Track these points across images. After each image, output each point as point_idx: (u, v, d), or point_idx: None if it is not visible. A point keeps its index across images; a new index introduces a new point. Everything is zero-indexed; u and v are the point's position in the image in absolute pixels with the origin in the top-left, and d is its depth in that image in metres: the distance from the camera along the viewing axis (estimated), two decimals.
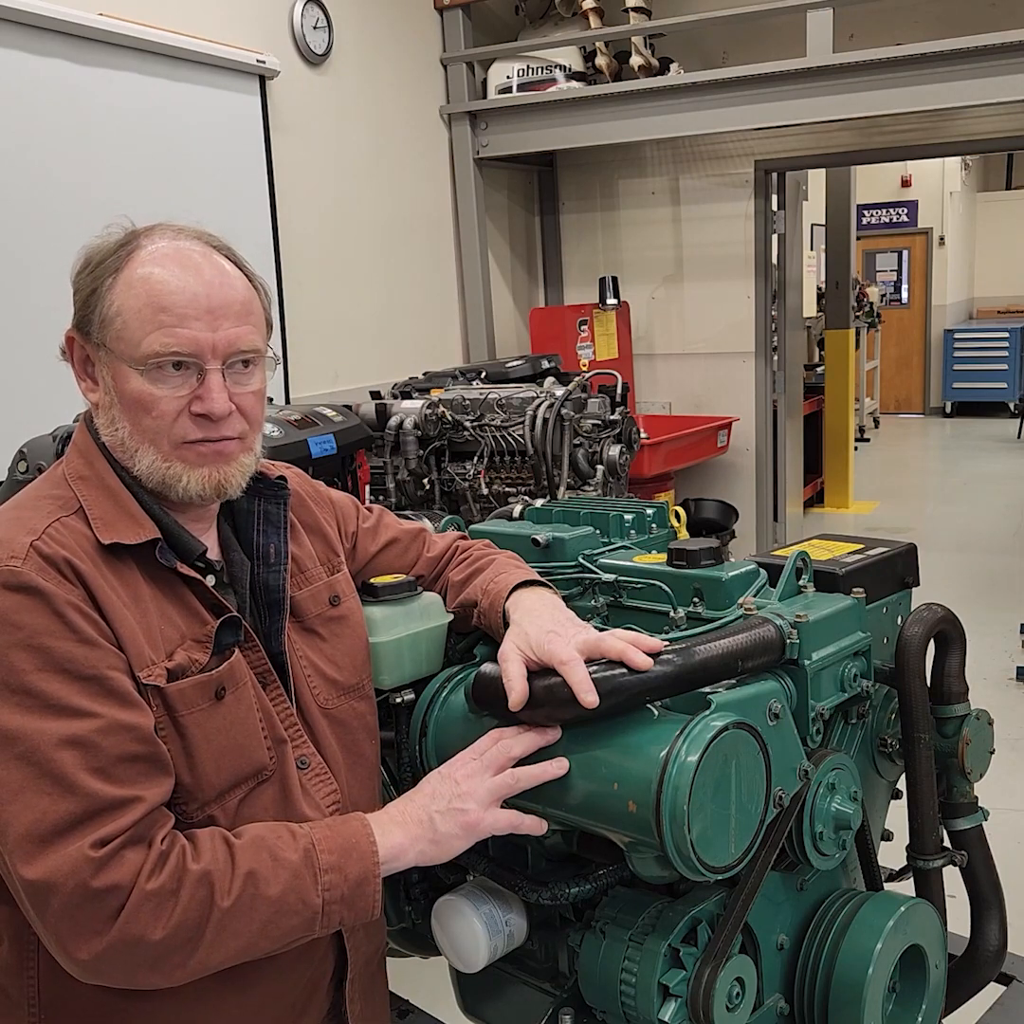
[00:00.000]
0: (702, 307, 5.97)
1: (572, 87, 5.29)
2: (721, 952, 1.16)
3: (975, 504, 8.19)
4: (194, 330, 1.15)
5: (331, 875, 1.11)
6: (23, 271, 3.41)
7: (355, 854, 1.13)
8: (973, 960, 1.46)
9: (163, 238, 1.20)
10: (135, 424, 1.17)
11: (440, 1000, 1.59)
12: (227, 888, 1.07)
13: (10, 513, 1.17)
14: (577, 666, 1.15)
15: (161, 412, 1.16)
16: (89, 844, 1.02)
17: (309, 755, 1.26)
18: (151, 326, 1.14)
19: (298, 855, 1.11)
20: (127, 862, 1.03)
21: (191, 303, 1.15)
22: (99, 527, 1.15)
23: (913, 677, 1.34)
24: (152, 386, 1.15)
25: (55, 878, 1.01)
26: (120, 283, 1.16)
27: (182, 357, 1.15)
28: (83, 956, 1.02)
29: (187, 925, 1.04)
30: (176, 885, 1.05)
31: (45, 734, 1.04)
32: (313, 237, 4.64)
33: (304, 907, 1.09)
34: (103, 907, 1.02)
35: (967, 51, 4.29)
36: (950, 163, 11.93)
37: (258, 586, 1.28)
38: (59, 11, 3.44)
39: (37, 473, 2.67)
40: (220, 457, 1.19)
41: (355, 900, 1.12)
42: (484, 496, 3.75)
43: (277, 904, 1.08)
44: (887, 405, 12.87)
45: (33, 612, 1.06)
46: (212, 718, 1.15)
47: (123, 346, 1.15)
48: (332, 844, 1.13)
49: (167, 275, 1.15)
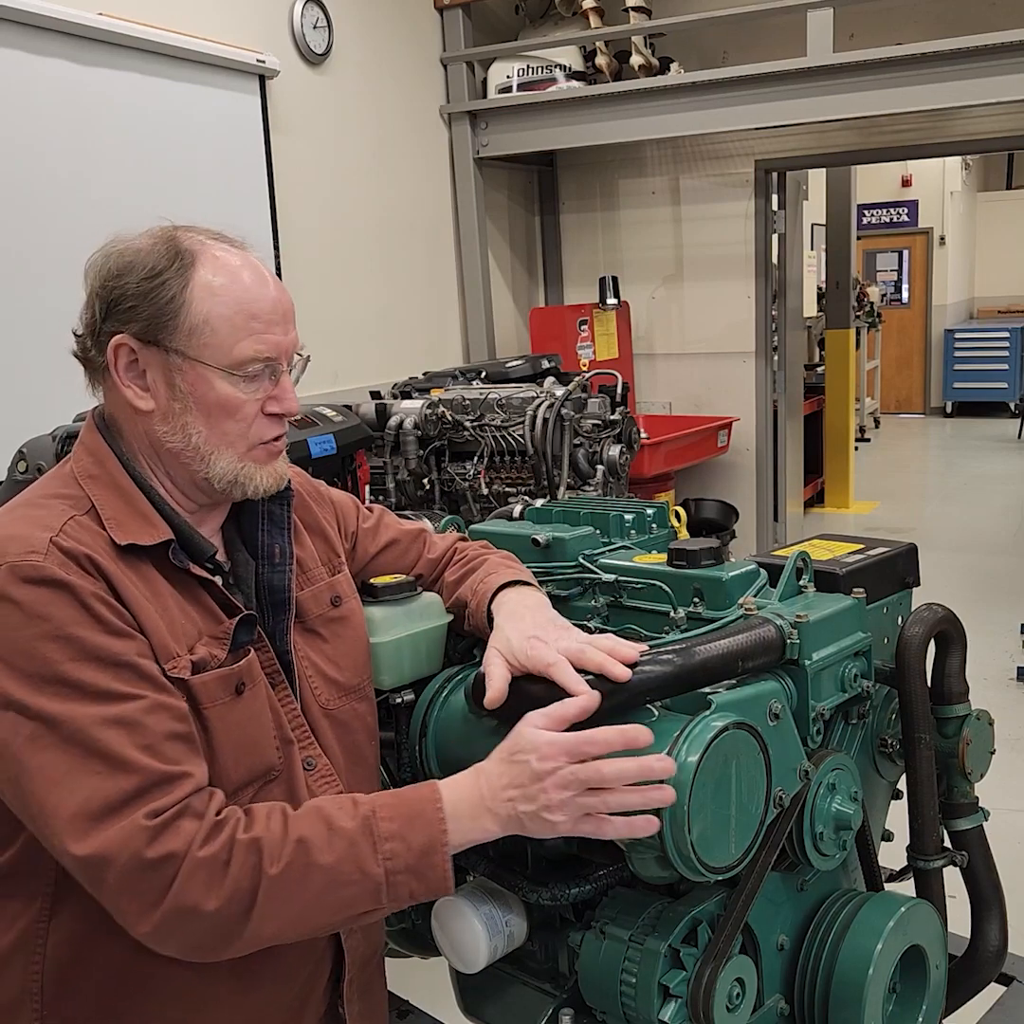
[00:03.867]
0: (702, 307, 5.97)
1: (572, 87, 5.29)
2: (721, 952, 1.16)
3: (975, 504, 8.19)
4: (276, 335, 1.21)
5: (392, 843, 1.07)
6: (23, 271, 3.41)
7: (419, 822, 1.08)
8: (973, 960, 1.45)
9: (214, 245, 1.21)
10: (213, 428, 1.20)
11: (440, 1000, 1.59)
12: (276, 855, 1.05)
13: (21, 511, 1.16)
14: (564, 667, 1.16)
15: (244, 415, 1.20)
16: (143, 815, 1.02)
17: (315, 756, 1.26)
18: (243, 333, 1.18)
19: (355, 823, 1.08)
20: (181, 831, 1.03)
21: (273, 309, 1.21)
22: (113, 527, 1.15)
23: (914, 677, 1.34)
24: (237, 390, 1.19)
25: (109, 850, 1.01)
26: (199, 290, 1.17)
27: (271, 362, 1.20)
28: (144, 929, 1.03)
29: (239, 894, 1.03)
30: (228, 855, 1.04)
31: (88, 716, 1.04)
32: (313, 237, 4.64)
33: (363, 877, 1.06)
34: (158, 878, 1.02)
35: (967, 51, 4.29)
36: (950, 163, 11.93)
37: (262, 586, 1.29)
38: (59, 11, 3.43)
39: (37, 473, 2.67)
40: (279, 454, 1.27)
41: (423, 871, 1.07)
42: (484, 496, 3.75)
43: (331, 873, 1.05)
44: (887, 405, 12.87)
45: (59, 604, 1.06)
46: (232, 712, 1.16)
47: (211, 352, 1.17)
48: (395, 812, 1.09)
49: (247, 283, 1.20)
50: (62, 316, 1.22)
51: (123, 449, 1.22)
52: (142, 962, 1.14)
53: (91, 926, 1.13)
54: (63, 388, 1.46)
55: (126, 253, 1.20)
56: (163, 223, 1.24)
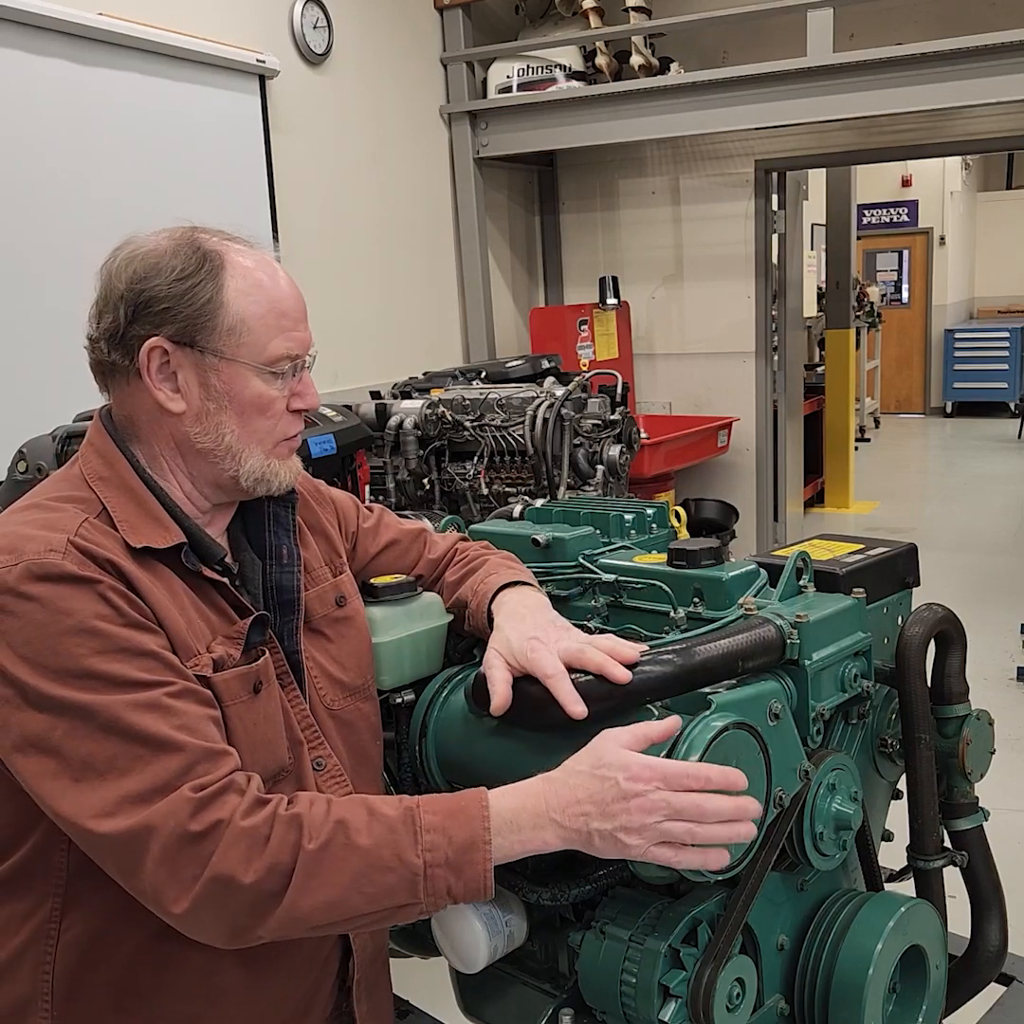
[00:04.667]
0: (702, 307, 5.97)
1: (572, 87, 5.29)
2: (721, 952, 1.16)
3: (975, 504, 8.19)
4: (302, 332, 1.25)
5: (433, 835, 1.05)
6: (24, 271, 3.41)
7: (462, 817, 1.06)
8: (973, 961, 1.45)
9: (234, 247, 1.23)
10: (245, 426, 1.22)
11: (440, 1000, 1.59)
12: (316, 832, 1.04)
13: (32, 513, 1.16)
14: (563, 680, 1.16)
15: (275, 411, 1.24)
16: (189, 788, 1.03)
17: (325, 757, 1.26)
18: (275, 331, 1.21)
19: (397, 812, 1.07)
20: (226, 804, 1.04)
21: (296, 307, 1.24)
22: (125, 530, 1.15)
23: (914, 677, 1.34)
24: (268, 387, 1.22)
25: (155, 820, 1.01)
26: (233, 292, 1.19)
27: (298, 359, 1.24)
28: (181, 907, 1.02)
29: (276, 869, 1.02)
30: (268, 830, 1.03)
31: (119, 703, 1.04)
32: (313, 236, 4.64)
33: (401, 864, 1.04)
34: (200, 851, 1.01)
35: (967, 51, 4.29)
36: (950, 163, 11.92)
37: (270, 586, 1.29)
38: (59, 11, 3.43)
39: (37, 473, 2.67)
40: (295, 450, 1.30)
41: (462, 867, 1.05)
42: (484, 496, 3.75)
43: (369, 856, 1.04)
44: (887, 405, 12.87)
45: (80, 599, 1.07)
46: (250, 711, 1.17)
47: (246, 351, 1.20)
48: (439, 806, 1.08)
49: (273, 282, 1.23)
50: (62, 316, 1.22)
51: (135, 451, 1.22)
52: (151, 961, 1.15)
53: (102, 926, 1.14)
54: (63, 388, 1.46)
55: (150, 256, 1.19)
56: (179, 223, 1.24)
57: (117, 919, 1.13)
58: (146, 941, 1.14)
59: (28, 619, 1.06)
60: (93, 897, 1.13)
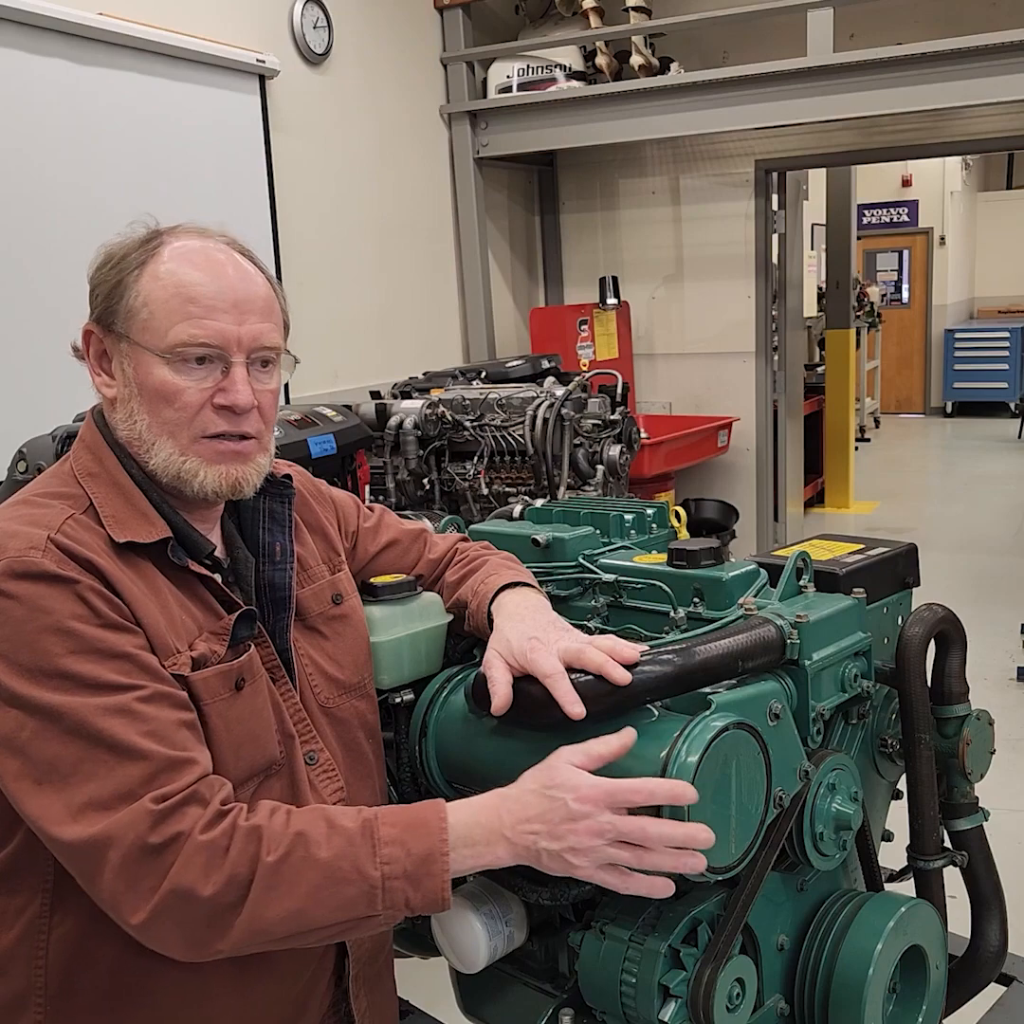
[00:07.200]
0: (702, 307, 5.97)
1: (572, 87, 5.29)
2: (721, 952, 1.16)
3: (975, 504, 8.19)
4: (221, 322, 1.17)
5: (391, 848, 1.05)
6: (23, 271, 3.41)
7: (422, 831, 1.07)
8: (973, 961, 1.45)
9: (188, 237, 1.21)
10: (154, 416, 1.18)
11: (440, 1000, 1.59)
12: (275, 845, 1.04)
13: (19, 509, 1.16)
14: (561, 680, 1.15)
15: (184, 403, 1.17)
16: (150, 799, 1.03)
17: (317, 751, 1.27)
18: (179, 316, 1.15)
19: (356, 824, 1.07)
20: (186, 817, 1.03)
21: (218, 296, 1.17)
22: (111, 525, 1.15)
23: (914, 677, 1.34)
24: (176, 377, 1.16)
25: (115, 831, 1.01)
26: (146, 275, 1.17)
27: (209, 349, 1.17)
28: (139, 918, 1.02)
29: (235, 881, 1.02)
30: (228, 842, 1.03)
31: (89, 706, 1.04)
32: (313, 237, 4.64)
33: (360, 877, 1.04)
34: (159, 862, 1.01)
35: (967, 51, 4.29)
36: (950, 163, 11.92)
37: (263, 583, 1.29)
38: (59, 11, 3.43)
39: (36, 473, 2.67)
40: (239, 457, 1.21)
41: (420, 879, 1.05)
42: (484, 496, 3.75)
43: (328, 869, 1.04)
44: (888, 405, 12.87)
45: (58, 598, 1.07)
46: (232, 708, 1.16)
47: (148, 336, 1.16)
48: (396, 818, 1.08)
49: (194, 269, 1.17)
50: (62, 316, 1.23)
51: (125, 446, 1.22)
52: (144, 957, 1.14)
53: (92, 922, 1.14)
54: (63, 388, 1.46)
55: (111, 247, 1.21)
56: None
57: (106, 917, 1.13)
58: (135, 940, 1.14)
59: (7, 616, 1.06)
60: (82, 892, 1.13)
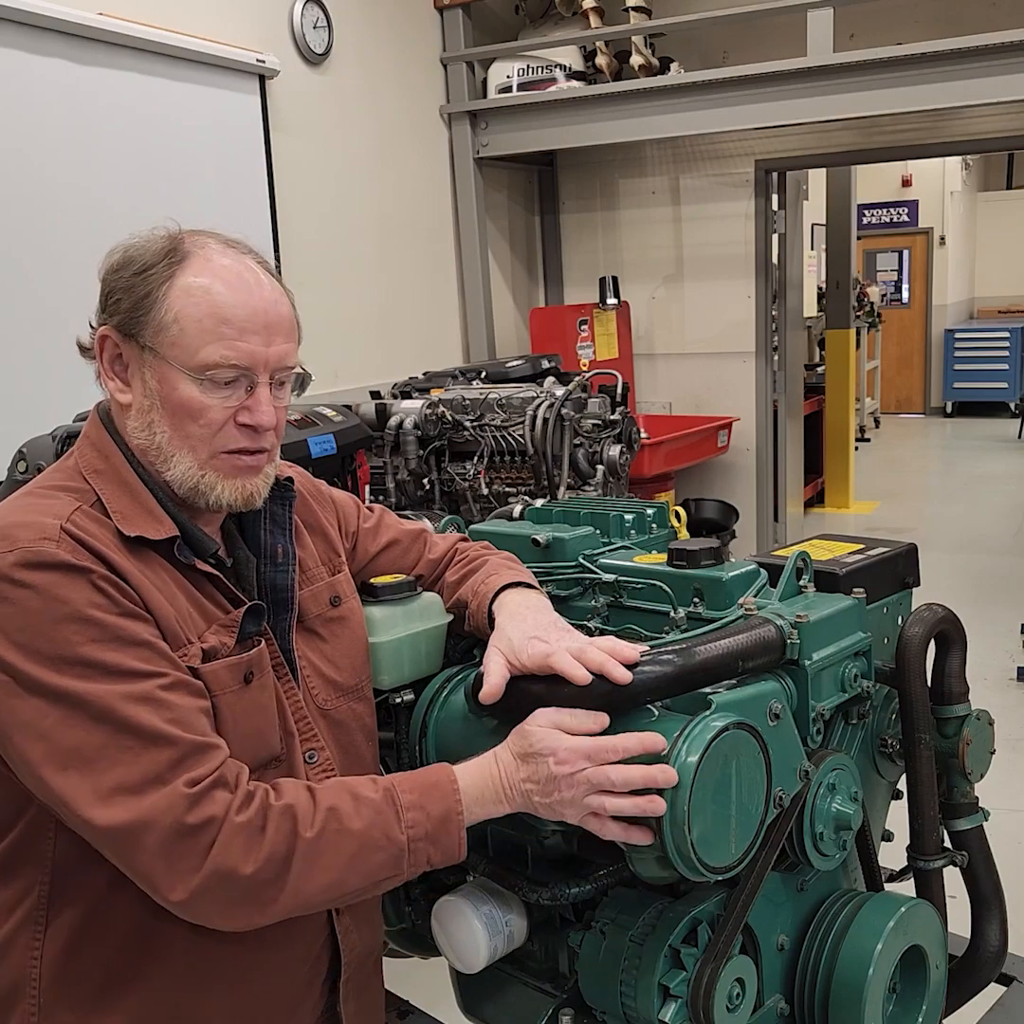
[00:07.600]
0: (702, 307, 5.97)
1: (572, 87, 5.29)
2: (721, 952, 1.16)
3: (975, 504, 8.19)
4: (252, 344, 1.18)
5: (413, 812, 1.13)
6: (23, 271, 3.41)
7: (436, 793, 1.15)
8: (973, 961, 1.46)
9: (214, 248, 1.21)
10: (177, 429, 1.18)
11: (440, 1000, 1.59)
12: (310, 821, 1.09)
13: (26, 500, 1.17)
14: (563, 656, 1.17)
15: (209, 420, 1.18)
16: (183, 783, 1.05)
17: (317, 749, 1.27)
18: (211, 336, 1.16)
19: (379, 794, 1.13)
20: (218, 799, 1.06)
21: (251, 318, 1.18)
22: (119, 520, 1.16)
23: (914, 677, 1.34)
24: (203, 395, 1.17)
25: (152, 816, 1.03)
26: (177, 290, 1.17)
27: (240, 371, 1.18)
28: (179, 896, 1.04)
29: (275, 858, 1.06)
30: (262, 821, 1.07)
31: (114, 694, 1.06)
32: (313, 237, 4.64)
33: (389, 843, 1.11)
34: (197, 842, 1.04)
35: (967, 51, 4.29)
36: (950, 163, 11.92)
37: (264, 585, 1.29)
38: (59, 11, 3.43)
39: (36, 473, 2.67)
40: (252, 471, 1.23)
41: (439, 837, 1.13)
42: (484, 496, 3.75)
43: (362, 838, 1.10)
44: (888, 405, 12.87)
45: (75, 587, 1.07)
46: (240, 701, 1.17)
47: (177, 352, 1.16)
48: (412, 784, 1.15)
49: (227, 288, 1.17)
50: (62, 316, 1.23)
51: (129, 445, 1.22)
52: (137, 949, 1.15)
53: (89, 913, 1.15)
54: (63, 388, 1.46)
55: (130, 249, 1.20)
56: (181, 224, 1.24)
57: (103, 907, 1.14)
58: (132, 930, 1.15)
59: (23, 606, 1.06)
60: (80, 885, 1.14)
